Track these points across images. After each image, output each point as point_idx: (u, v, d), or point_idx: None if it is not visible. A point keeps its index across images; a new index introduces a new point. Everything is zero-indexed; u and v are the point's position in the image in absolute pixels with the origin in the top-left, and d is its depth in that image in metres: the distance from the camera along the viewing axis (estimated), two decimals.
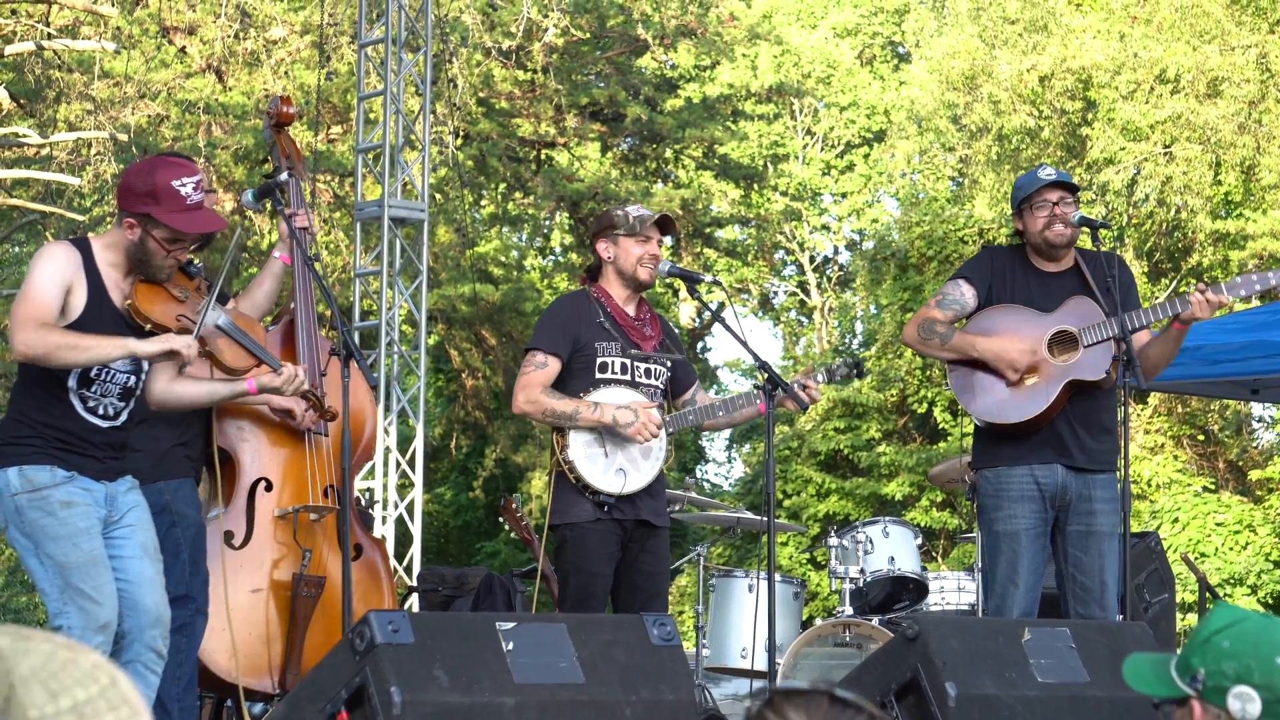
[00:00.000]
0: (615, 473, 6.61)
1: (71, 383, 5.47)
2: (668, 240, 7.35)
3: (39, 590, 5.54)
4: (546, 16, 20.74)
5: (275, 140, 7.07)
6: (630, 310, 6.83)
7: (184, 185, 5.44)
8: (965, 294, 6.83)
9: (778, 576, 7.42)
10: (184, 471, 6.27)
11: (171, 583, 6.09)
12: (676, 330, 7.36)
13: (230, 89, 20.43)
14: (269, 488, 6.78)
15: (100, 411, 5.52)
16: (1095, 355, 6.68)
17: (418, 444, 13.51)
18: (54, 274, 5.43)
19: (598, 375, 6.69)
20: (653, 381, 6.78)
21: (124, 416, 5.58)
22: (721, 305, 28.30)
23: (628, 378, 6.71)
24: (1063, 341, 6.70)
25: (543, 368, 6.69)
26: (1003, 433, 6.73)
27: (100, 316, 5.45)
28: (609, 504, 6.61)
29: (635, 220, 6.76)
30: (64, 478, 5.45)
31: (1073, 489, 6.68)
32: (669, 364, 6.87)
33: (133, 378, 5.58)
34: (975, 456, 6.94)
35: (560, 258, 30.71)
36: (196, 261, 5.80)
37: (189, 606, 6.20)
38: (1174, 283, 23.56)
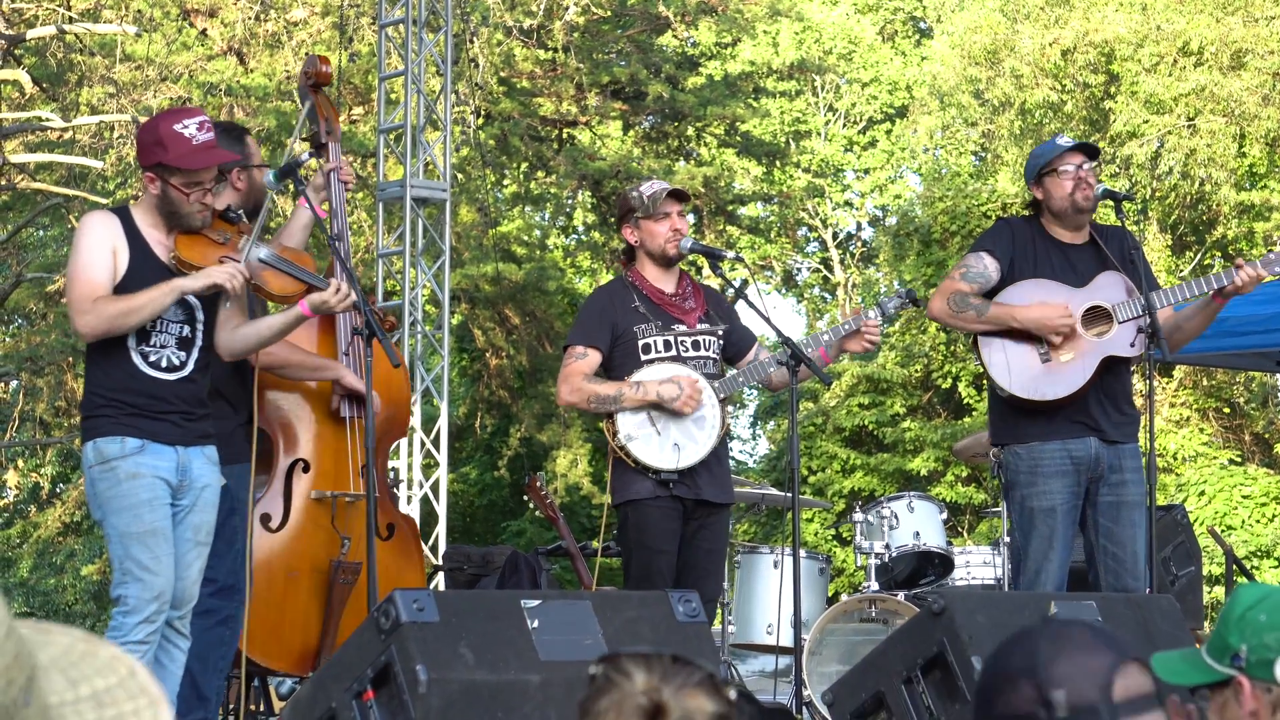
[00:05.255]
0: (671, 448, 6.58)
1: (130, 340, 5.56)
2: (690, 217, 7.30)
3: (110, 556, 5.65)
4: None
5: (313, 101, 6.98)
6: (668, 287, 6.80)
7: (186, 127, 5.56)
8: (989, 266, 6.75)
9: (803, 553, 7.42)
10: (245, 455, 6.21)
11: (224, 571, 6.10)
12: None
13: (251, 71, 20.43)
14: (306, 469, 6.72)
15: (164, 364, 5.61)
16: (1129, 331, 6.65)
17: (442, 423, 13.52)
18: (97, 243, 5.56)
19: (643, 358, 6.68)
20: (703, 353, 6.74)
21: (190, 367, 5.66)
22: (745, 282, 28.25)
23: (673, 354, 6.70)
24: (1095, 317, 6.67)
25: (583, 358, 6.70)
26: (1033, 408, 6.69)
27: (146, 276, 5.55)
28: (671, 481, 6.59)
29: (649, 200, 6.74)
30: (134, 448, 5.54)
31: (1105, 460, 6.65)
32: (720, 333, 6.85)
33: (186, 327, 5.66)
34: (999, 432, 6.83)
35: (583, 236, 30.70)
36: (235, 208, 5.89)
37: (235, 598, 6.18)
38: (1198, 255, 23.47)
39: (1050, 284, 6.72)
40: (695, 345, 6.75)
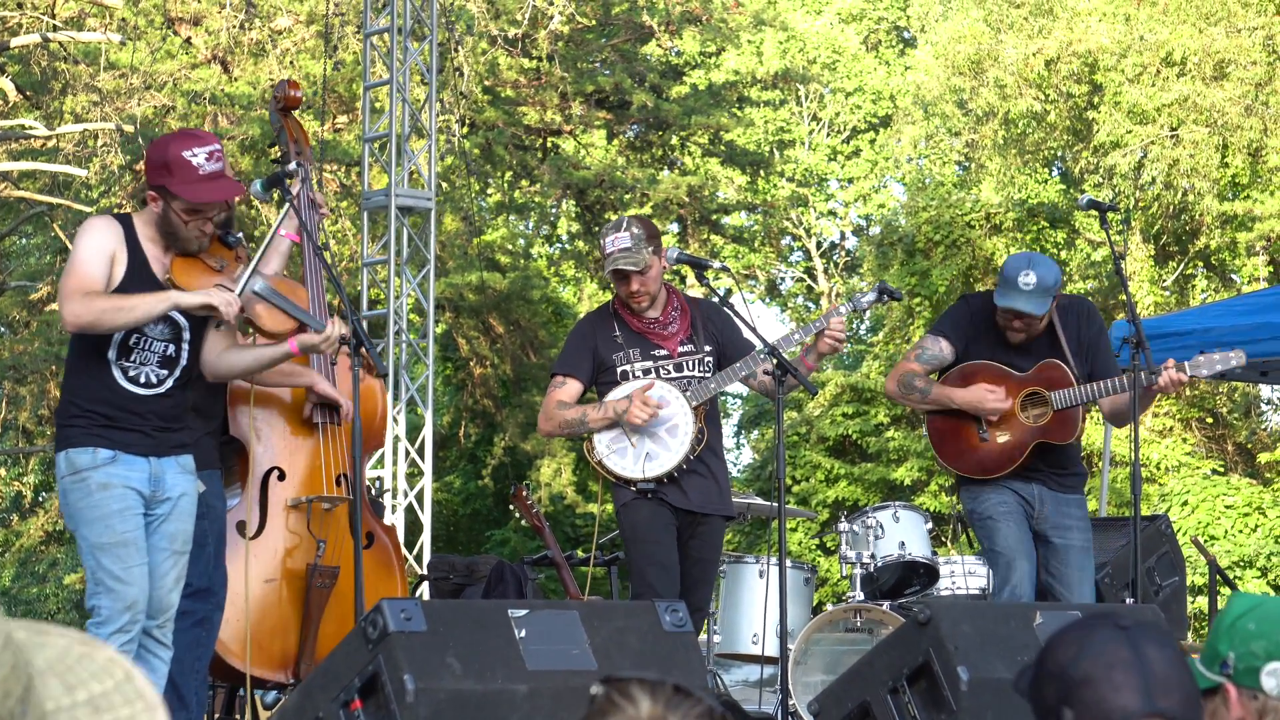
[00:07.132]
0: (643, 459, 6.68)
1: (111, 354, 5.57)
2: (673, 226, 7.30)
3: (84, 567, 5.63)
4: (552, 4, 20.73)
5: (283, 124, 7.02)
6: (653, 313, 6.85)
7: (195, 156, 5.53)
8: (944, 349, 7.13)
9: (788, 562, 7.43)
10: (214, 462, 6.26)
11: (195, 574, 6.10)
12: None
13: (236, 79, 20.41)
14: (281, 477, 6.74)
15: (142, 380, 5.61)
16: (1065, 417, 6.97)
17: (426, 432, 13.51)
18: (97, 244, 5.56)
19: (623, 385, 6.77)
20: (688, 373, 6.81)
21: (169, 384, 5.65)
22: (729, 291, 28.30)
23: (654, 379, 6.76)
24: (1034, 402, 7.00)
25: (560, 387, 6.84)
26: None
27: (140, 288, 5.55)
28: (649, 491, 6.68)
29: (606, 262, 6.77)
30: (106, 459, 5.54)
31: (1049, 504, 7.07)
32: (706, 351, 6.87)
33: (171, 346, 5.65)
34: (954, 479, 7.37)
35: (567, 245, 30.68)
36: (236, 232, 5.89)
37: (210, 600, 6.19)
38: (1181, 265, 23.53)
39: (994, 367, 7.05)
40: (678, 368, 6.82)
